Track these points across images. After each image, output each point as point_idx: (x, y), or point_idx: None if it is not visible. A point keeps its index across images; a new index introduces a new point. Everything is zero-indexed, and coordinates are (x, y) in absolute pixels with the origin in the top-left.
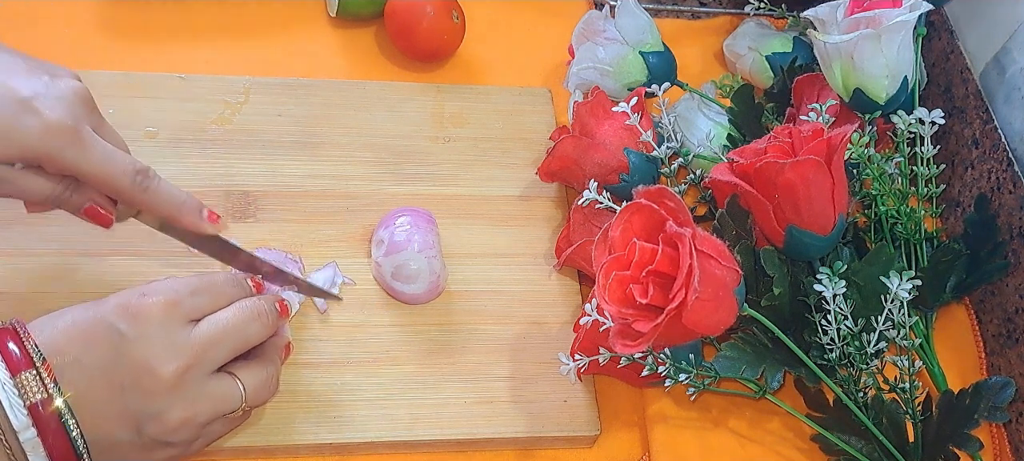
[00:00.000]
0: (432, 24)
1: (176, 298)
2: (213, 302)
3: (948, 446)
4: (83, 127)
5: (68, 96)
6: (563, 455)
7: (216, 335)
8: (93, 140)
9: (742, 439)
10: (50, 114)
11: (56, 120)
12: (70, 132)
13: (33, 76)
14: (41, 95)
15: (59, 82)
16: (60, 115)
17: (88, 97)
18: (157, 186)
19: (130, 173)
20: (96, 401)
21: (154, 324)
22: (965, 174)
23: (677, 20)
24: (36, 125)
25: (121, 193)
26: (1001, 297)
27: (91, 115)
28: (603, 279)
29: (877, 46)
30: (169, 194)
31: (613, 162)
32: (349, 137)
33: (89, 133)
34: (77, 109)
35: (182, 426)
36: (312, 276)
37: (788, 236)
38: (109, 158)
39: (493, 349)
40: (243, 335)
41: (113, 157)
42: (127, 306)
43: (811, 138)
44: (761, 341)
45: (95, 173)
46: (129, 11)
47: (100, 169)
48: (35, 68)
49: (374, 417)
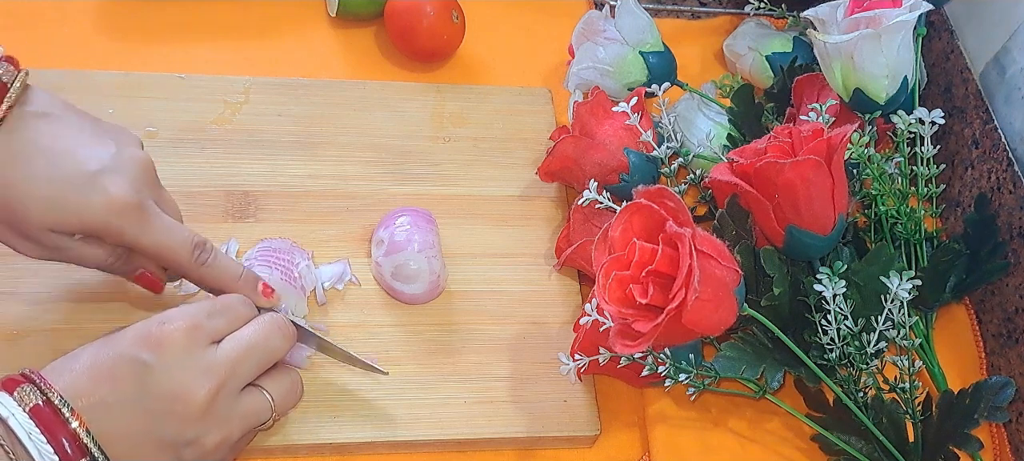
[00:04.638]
0: (432, 24)
1: (196, 322)
2: (230, 323)
3: (948, 446)
4: (147, 202)
5: (133, 170)
6: (563, 455)
7: (241, 353)
8: (155, 215)
9: (742, 439)
10: (116, 191)
11: (121, 197)
12: (134, 209)
13: (100, 145)
14: (108, 169)
15: (125, 152)
16: (125, 192)
17: (151, 168)
18: (213, 261)
19: (189, 248)
20: (130, 436)
21: (179, 350)
22: (965, 174)
23: (677, 20)
24: (101, 202)
25: (180, 268)
26: (1001, 297)
27: (153, 187)
28: (603, 279)
29: (877, 46)
30: (225, 268)
31: (613, 162)
32: (349, 137)
33: (152, 208)
34: (141, 184)
35: (219, 447)
36: (322, 269)
37: (788, 236)
38: (169, 234)
39: (493, 349)
40: (267, 349)
41: (173, 233)
42: (148, 336)
43: (811, 138)
44: (761, 341)
45: (156, 249)
46: (129, 11)
47: (161, 245)
48: (102, 135)
49: (374, 417)
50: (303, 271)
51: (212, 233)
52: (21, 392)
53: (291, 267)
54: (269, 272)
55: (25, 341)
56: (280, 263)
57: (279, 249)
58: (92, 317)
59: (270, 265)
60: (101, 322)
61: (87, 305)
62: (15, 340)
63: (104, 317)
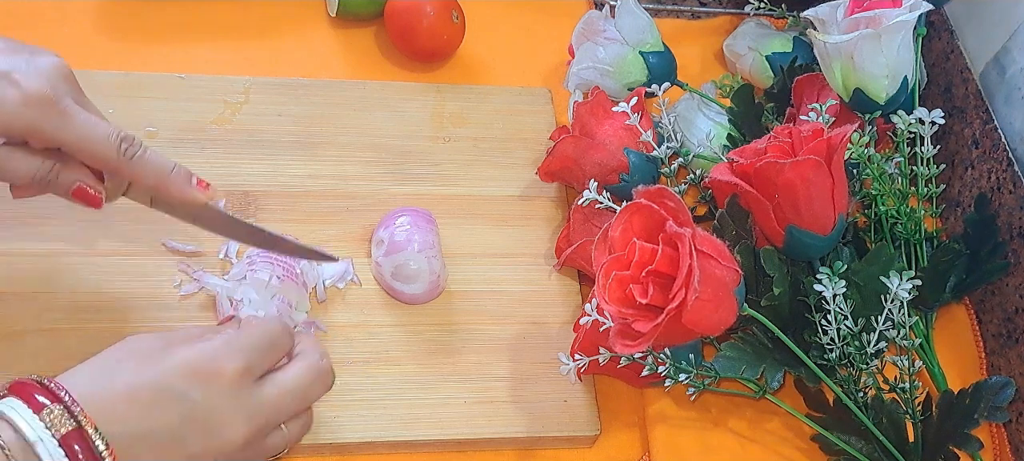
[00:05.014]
0: (432, 24)
1: (249, 364)
2: (274, 357)
3: (948, 446)
4: (64, 98)
5: (48, 70)
6: (563, 455)
7: (283, 399)
8: (75, 110)
9: (742, 439)
10: (29, 85)
11: (36, 90)
12: (50, 102)
13: (12, 54)
14: (20, 69)
15: (39, 58)
16: (40, 85)
17: (69, 73)
18: (143, 154)
19: (115, 141)
20: None
21: (227, 390)
22: (965, 174)
23: (677, 20)
24: (15, 96)
25: (107, 162)
26: (1001, 297)
27: (72, 90)
28: (603, 279)
29: (877, 46)
30: (156, 163)
31: (613, 162)
32: (349, 137)
33: (70, 104)
34: (57, 82)
35: None
36: (325, 267)
37: (788, 236)
38: (92, 126)
39: (493, 349)
40: (306, 397)
41: (96, 126)
42: (198, 371)
43: (811, 138)
44: (761, 341)
45: (78, 142)
46: (129, 11)
47: (83, 138)
48: (15, 47)
49: (374, 417)
50: (305, 268)
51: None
52: (50, 413)
53: (293, 263)
54: (271, 268)
55: (25, 341)
56: (282, 259)
57: None
58: (92, 317)
59: (272, 261)
60: (101, 322)
61: (87, 305)
62: (15, 340)
63: (104, 317)
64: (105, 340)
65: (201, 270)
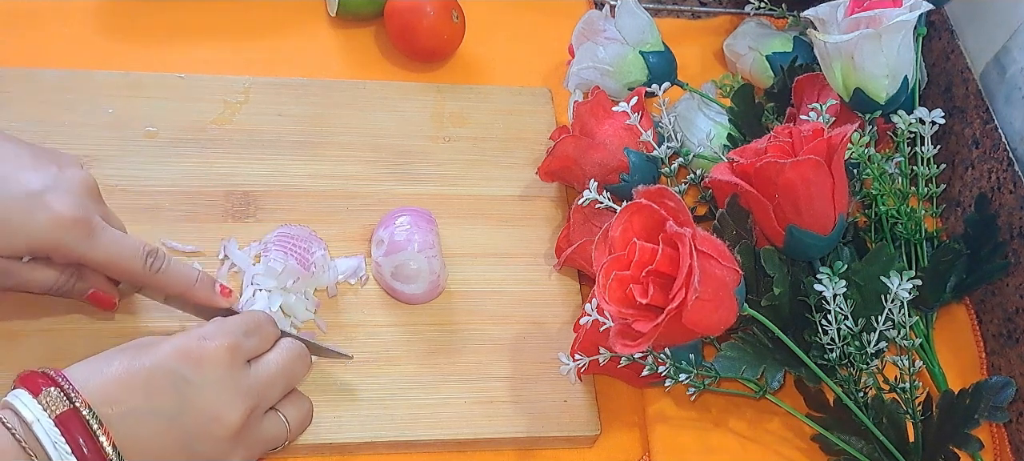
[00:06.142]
0: (432, 24)
1: (236, 341)
2: (262, 343)
3: (948, 446)
4: (94, 217)
5: (76, 188)
6: (563, 455)
7: (272, 377)
8: (103, 229)
9: (742, 439)
10: (61, 207)
11: (68, 213)
12: (82, 224)
13: (41, 168)
14: (51, 188)
15: (66, 173)
16: (71, 207)
17: (94, 187)
18: (168, 267)
19: (141, 257)
20: (158, 449)
21: (220, 369)
22: (965, 174)
23: (677, 20)
24: (48, 219)
25: (133, 277)
26: (1001, 297)
27: (98, 204)
28: (603, 279)
29: (877, 46)
30: (180, 273)
31: (613, 162)
32: (349, 137)
33: (99, 222)
34: (86, 200)
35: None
36: (339, 262)
37: (788, 236)
38: (120, 244)
39: (493, 349)
40: (293, 375)
41: (123, 243)
42: (189, 352)
43: (811, 138)
44: (761, 341)
45: (107, 261)
46: (129, 11)
47: (112, 256)
48: (41, 159)
49: (374, 417)
50: (318, 261)
51: (212, 233)
52: (47, 396)
53: (307, 255)
54: (285, 257)
55: (25, 341)
56: (297, 250)
57: (297, 236)
58: (92, 317)
59: (287, 251)
60: (101, 322)
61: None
62: (15, 340)
63: (104, 317)
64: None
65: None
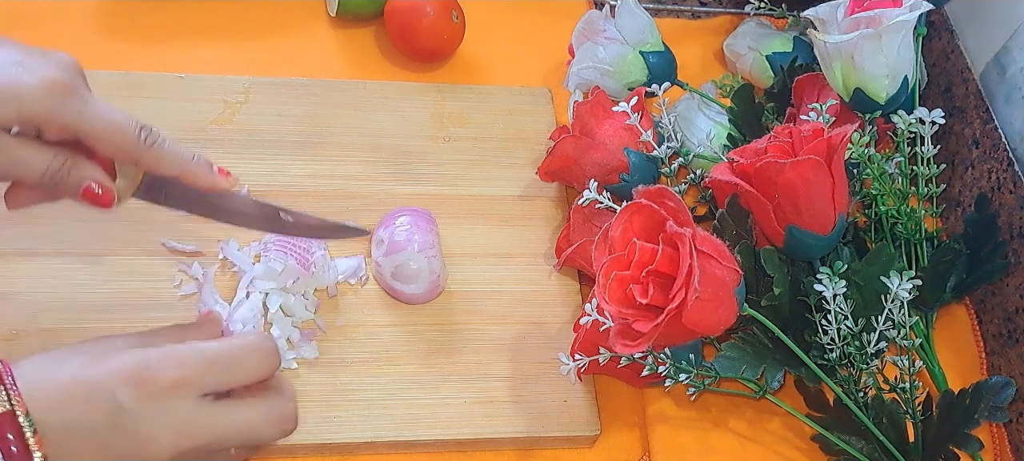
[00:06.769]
0: (432, 24)
1: (185, 376)
2: (233, 377)
3: (948, 446)
4: (82, 88)
5: (63, 61)
6: (563, 455)
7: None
8: (92, 98)
9: (742, 439)
10: (47, 72)
11: (56, 77)
12: (69, 88)
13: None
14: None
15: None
16: (57, 74)
17: (81, 70)
18: (163, 142)
19: (134, 128)
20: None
21: (157, 400)
22: (965, 174)
23: (677, 20)
24: (33, 83)
25: (127, 150)
26: (1001, 297)
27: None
28: (603, 279)
29: (877, 46)
30: (177, 151)
31: (613, 162)
32: (349, 137)
33: (87, 93)
34: (74, 74)
35: None
36: (338, 262)
37: (788, 236)
38: (111, 113)
39: (493, 349)
40: (253, 438)
41: (115, 113)
42: (132, 375)
43: (811, 138)
44: (761, 341)
45: (98, 129)
46: (129, 11)
47: (103, 124)
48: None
49: (374, 417)
50: (318, 261)
51: (212, 233)
52: None
53: (307, 255)
54: (285, 257)
55: (24, 341)
56: (297, 250)
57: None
58: (92, 317)
59: (287, 251)
60: (101, 322)
61: (87, 305)
62: (14, 340)
63: (104, 317)
64: None
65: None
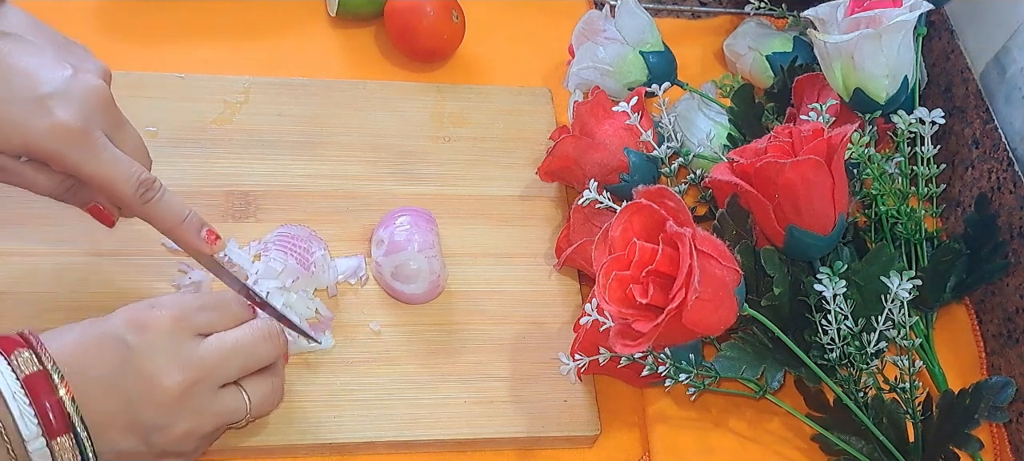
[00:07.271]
0: (432, 24)
1: (183, 313)
2: (221, 319)
3: (948, 446)
4: (93, 131)
5: (85, 96)
6: (563, 455)
7: (225, 353)
8: (100, 145)
9: (742, 439)
10: (62, 116)
11: (66, 122)
12: (78, 135)
13: (57, 69)
14: (59, 93)
15: (80, 79)
16: (71, 117)
17: (107, 98)
18: (159, 199)
19: (133, 183)
20: (104, 412)
21: (162, 336)
22: (965, 174)
23: (677, 20)
24: (45, 126)
25: (123, 202)
26: (1001, 297)
27: (106, 117)
28: (603, 279)
29: (877, 46)
30: (170, 209)
31: (613, 162)
32: (349, 137)
33: (98, 138)
34: (91, 111)
35: (186, 438)
36: (338, 262)
37: (788, 236)
38: (113, 166)
39: (493, 349)
40: (253, 355)
41: (117, 166)
42: (135, 318)
43: (811, 138)
44: (761, 341)
45: (97, 180)
46: (129, 11)
47: (104, 177)
48: (62, 55)
49: (373, 417)
50: (318, 260)
51: None
52: (18, 357)
53: (307, 255)
54: (285, 257)
55: None
56: (297, 249)
57: (297, 235)
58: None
59: (287, 250)
60: None
61: (87, 305)
62: None
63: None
64: None
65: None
